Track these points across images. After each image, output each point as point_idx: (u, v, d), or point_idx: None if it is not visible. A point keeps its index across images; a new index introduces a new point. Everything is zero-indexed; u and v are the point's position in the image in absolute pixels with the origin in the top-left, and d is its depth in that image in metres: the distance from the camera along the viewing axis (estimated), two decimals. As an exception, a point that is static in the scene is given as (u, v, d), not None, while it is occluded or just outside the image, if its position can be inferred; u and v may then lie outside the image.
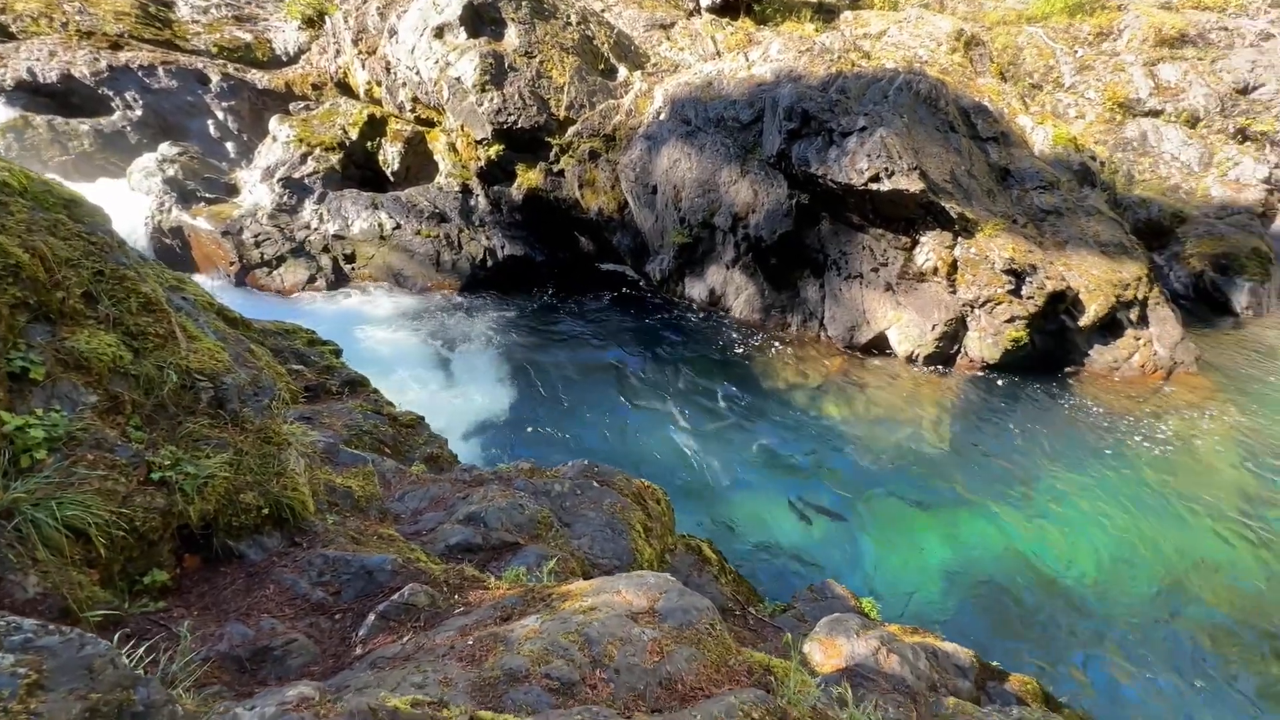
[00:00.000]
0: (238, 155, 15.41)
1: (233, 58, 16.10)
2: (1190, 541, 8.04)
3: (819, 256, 12.54)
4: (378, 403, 5.21)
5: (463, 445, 9.00)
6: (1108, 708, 6.05)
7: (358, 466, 3.75)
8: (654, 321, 13.29)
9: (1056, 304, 11.27)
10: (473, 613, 2.71)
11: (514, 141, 14.01)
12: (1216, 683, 6.32)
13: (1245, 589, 7.42)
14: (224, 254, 13.28)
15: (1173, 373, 11.34)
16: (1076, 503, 8.70)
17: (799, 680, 2.41)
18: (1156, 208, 15.47)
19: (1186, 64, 17.60)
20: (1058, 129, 15.01)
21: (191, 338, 3.03)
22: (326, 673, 2.35)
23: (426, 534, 3.61)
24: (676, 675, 2.26)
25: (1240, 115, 16.86)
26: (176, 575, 2.58)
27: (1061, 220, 12.13)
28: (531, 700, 1.94)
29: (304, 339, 5.74)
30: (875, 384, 11.29)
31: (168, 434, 2.68)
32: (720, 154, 12.97)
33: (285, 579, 2.65)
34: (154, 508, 2.46)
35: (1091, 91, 17.58)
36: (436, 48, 13.83)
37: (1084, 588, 7.40)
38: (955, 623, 6.87)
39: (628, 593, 2.67)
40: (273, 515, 2.84)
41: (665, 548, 4.91)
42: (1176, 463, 9.47)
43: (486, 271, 14.24)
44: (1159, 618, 7.03)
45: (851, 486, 8.92)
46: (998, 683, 4.72)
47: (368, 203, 13.92)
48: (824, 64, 12.94)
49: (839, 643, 4.00)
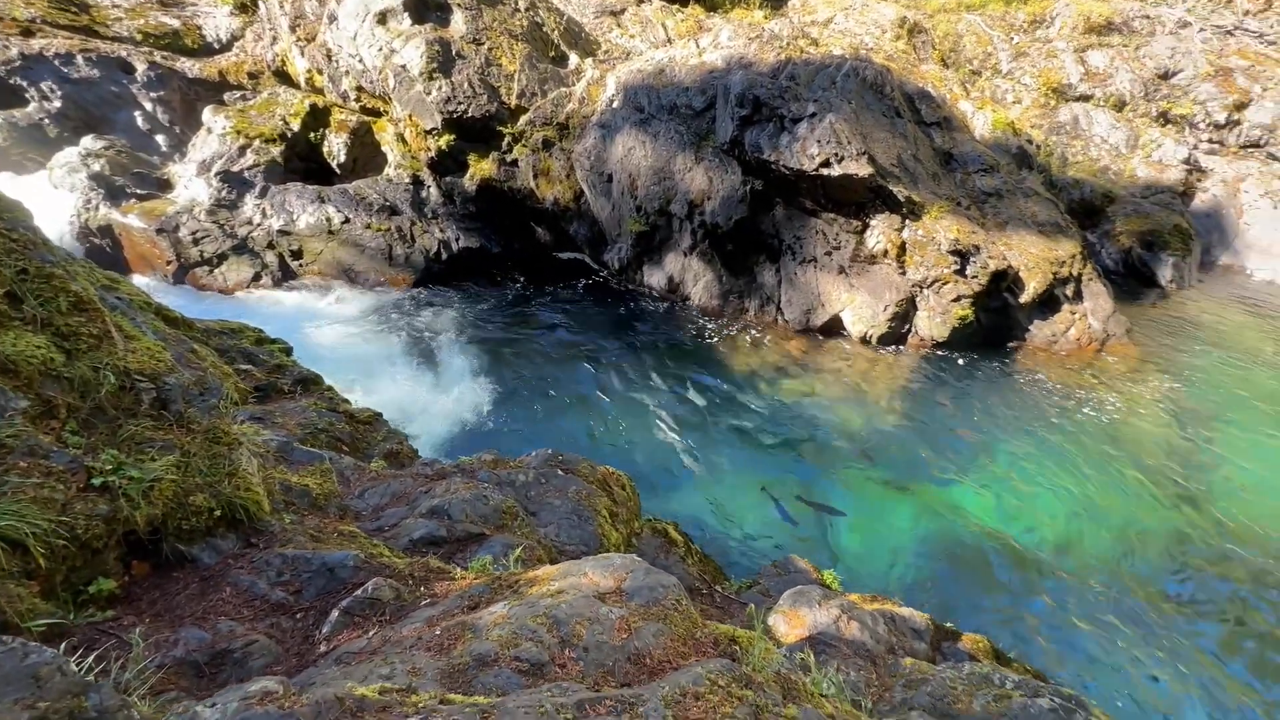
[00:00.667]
0: (170, 149, 14.63)
1: (159, 45, 15.22)
2: (1131, 504, 8.58)
3: (774, 242, 12.74)
4: (333, 400, 5.08)
5: (424, 440, 8.86)
6: (1058, 661, 6.44)
7: (314, 464, 3.66)
8: (613, 310, 13.30)
9: (999, 282, 11.76)
10: (439, 604, 2.70)
11: (465, 131, 13.72)
12: (1160, 634, 6.79)
13: (1182, 546, 7.97)
14: (160, 253, 12.64)
15: (1106, 344, 12.00)
16: (1025, 471, 9.16)
17: (763, 648, 2.49)
18: (1088, 188, 16.26)
19: (1113, 50, 18.48)
20: (997, 114, 15.58)
21: (129, 337, 2.90)
22: (291, 671, 2.31)
23: (389, 529, 3.56)
24: (644, 650, 2.31)
25: (1162, 99, 17.83)
26: (125, 583, 2.49)
27: (1002, 202, 12.64)
28: (501, 682, 1.96)
29: (251, 338, 5.54)
30: (831, 365, 11.59)
31: (108, 438, 2.57)
32: (674, 141, 13.00)
33: (242, 581, 2.59)
34: (96, 514, 2.36)
35: (1027, 77, 18.29)
36: (380, 34, 13.39)
37: (1035, 551, 7.82)
38: (916, 589, 7.17)
39: (594, 574, 2.70)
40: (226, 517, 2.76)
41: (632, 532, 4.97)
42: (1114, 429, 10.06)
43: (441, 265, 13.96)
44: (1106, 576, 7.50)
45: (811, 464, 9.16)
46: (952, 642, 4.96)
47: (313, 196, 13.44)
48: (774, 51, 13.08)
49: (802, 613, 4.14)
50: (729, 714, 1.99)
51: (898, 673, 3.70)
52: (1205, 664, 6.47)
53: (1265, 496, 8.72)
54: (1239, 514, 8.41)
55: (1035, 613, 7.04)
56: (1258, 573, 7.51)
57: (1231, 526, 8.20)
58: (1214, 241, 16.47)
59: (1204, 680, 6.31)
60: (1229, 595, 7.24)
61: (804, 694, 2.37)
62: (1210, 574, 7.53)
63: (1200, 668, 6.43)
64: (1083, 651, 6.62)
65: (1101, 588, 7.31)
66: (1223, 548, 7.87)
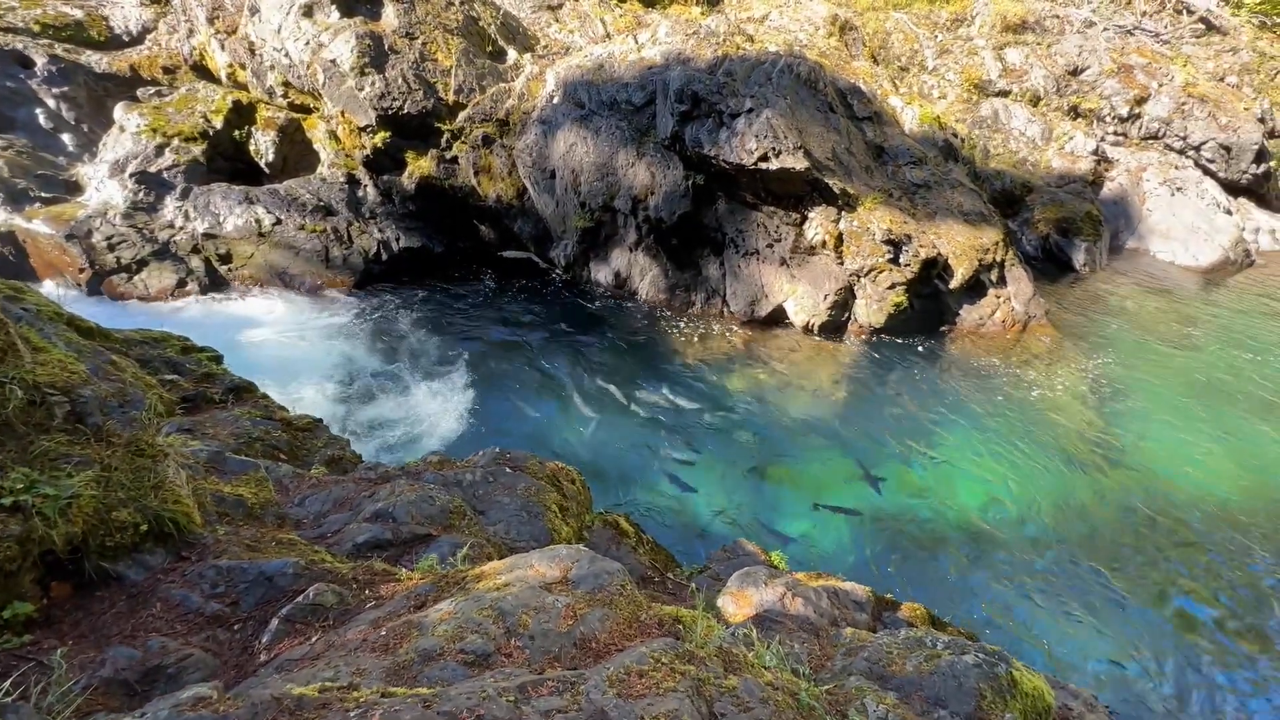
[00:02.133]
0: (78, 149, 13.66)
1: (61, 37, 14.17)
2: (1055, 475, 9.19)
3: (718, 235, 12.97)
4: (268, 408, 4.91)
5: (367, 446, 8.64)
6: (992, 624, 6.86)
7: (248, 473, 3.55)
8: (561, 308, 13.26)
9: (930, 270, 12.34)
10: (385, 605, 2.69)
11: (401, 128, 13.38)
12: (1084, 594, 7.33)
13: (1103, 512, 8.60)
14: (70, 260, 11.82)
15: (1028, 325, 12.78)
16: (959, 448, 9.68)
17: (705, 625, 2.59)
18: (1009, 179, 17.22)
19: (1027, 48, 19.59)
20: (924, 109, 16.29)
21: (36, 349, 2.75)
22: (230, 683, 2.26)
23: (332, 536, 3.50)
24: (590, 635, 2.37)
25: (1072, 94, 19.03)
26: (44, 606, 2.37)
27: (930, 193, 13.24)
28: (446, 675, 1.98)
29: (176, 347, 5.29)
30: (777, 355, 11.92)
31: (18, 455, 2.44)
32: (616, 137, 13.04)
33: (174, 595, 2.51)
34: (7, 536, 2.25)
35: (951, 73, 19.19)
36: (306, 27, 12.88)
37: (971, 523, 8.29)
38: (861, 565, 7.51)
39: (540, 566, 2.74)
40: (154, 531, 2.66)
41: (583, 525, 5.02)
42: (1038, 404, 10.74)
43: (382, 265, 13.58)
44: (1034, 544, 8.02)
45: (761, 451, 9.42)
46: (891, 612, 5.23)
47: (241, 197, 12.83)
48: (710, 47, 13.28)
49: (749, 593, 4.29)
50: (672, 688, 2.07)
51: (839, 643, 3.89)
52: (1127, 619, 7.03)
53: (1176, 462, 9.52)
54: (1152, 479, 9.16)
55: (971, 580, 7.48)
56: (1171, 532, 8.19)
57: (1146, 491, 8.91)
58: (1121, 227, 17.74)
59: (1126, 633, 6.86)
60: (1146, 556, 7.88)
61: (745, 666, 2.48)
62: (1128, 536, 8.17)
63: (1122, 622, 6.98)
64: (1015, 613, 7.08)
65: (1032, 555, 7.83)
66: (1139, 511, 8.55)
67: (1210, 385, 11.48)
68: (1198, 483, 9.05)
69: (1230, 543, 7.98)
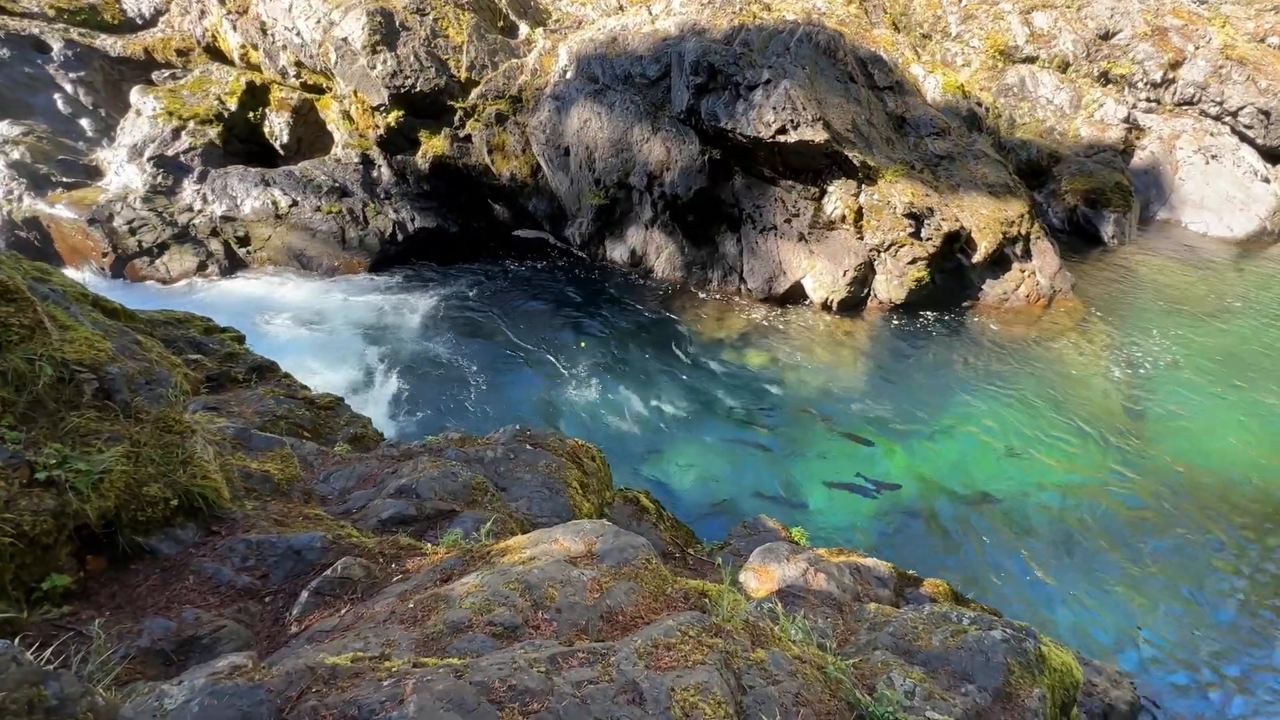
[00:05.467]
0: (96, 133, 13.77)
1: (75, 21, 14.20)
2: (1081, 452, 9.03)
3: (734, 211, 12.78)
4: (291, 387, 4.96)
5: (388, 423, 8.74)
6: (1013, 599, 6.81)
7: (274, 450, 3.59)
8: (576, 286, 13.20)
9: (952, 243, 12.07)
10: (412, 579, 2.71)
11: (414, 106, 13.27)
12: (1107, 572, 7.23)
13: (1128, 489, 8.45)
14: (94, 245, 11.99)
15: (1053, 300, 12.48)
16: (982, 424, 9.54)
17: (731, 599, 2.58)
18: (1035, 149, 16.70)
19: (1056, 12, 18.83)
20: (947, 77, 15.80)
21: (64, 327, 2.77)
22: (262, 654, 2.30)
23: (357, 511, 3.53)
24: (617, 608, 2.36)
25: (1103, 60, 18.32)
26: (80, 578, 2.42)
27: (953, 164, 12.89)
28: (475, 646, 1.99)
29: (199, 327, 5.34)
30: (795, 332, 11.79)
31: (50, 431, 2.47)
32: (631, 112, 12.83)
33: (206, 568, 2.55)
34: (43, 510, 2.28)
35: (975, 40, 18.54)
36: (317, 5, 12.76)
37: (994, 499, 8.19)
38: (881, 540, 7.47)
39: (565, 540, 2.74)
40: (184, 506, 2.69)
41: (604, 501, 5.03)
42: (1064, 381, 10.53)
43: (398, 246, 13.60)
44: (1058, 520, 7.91)
45: (780, 429, 9.37)
46: (914, 587, 5.20)
47: (257, 179, 12.88)
48: (726, 16, 12.94)
49: (771, 569, 4.27)
50: (700, 661, 2.06)
51: (863, 617, 3.87)
52: (1152, 595, 6.94)
53: (1207, 438, 9.30)
54: (1181, 457, 8.96)
55: (991, 555, 7.41)
56: (1200, 508, 8.03)
57: (1173, 469, 8.73)
58: (1152, 197, 17.17)
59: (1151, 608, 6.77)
60: (1173, 532, 7.74)
61: (772, 639, 2.47)
62: (1155, 513, 8.02)
63: (1147, 598, 6.89)
64: (1037, 588, 7.02)
65: (1054, 531, 7.73)
66: (1167, 487, 8.38)
67: (1244, 360, 11.16)
68: (1230, 460, 8.85)
69: (1265, 520, 7.82)
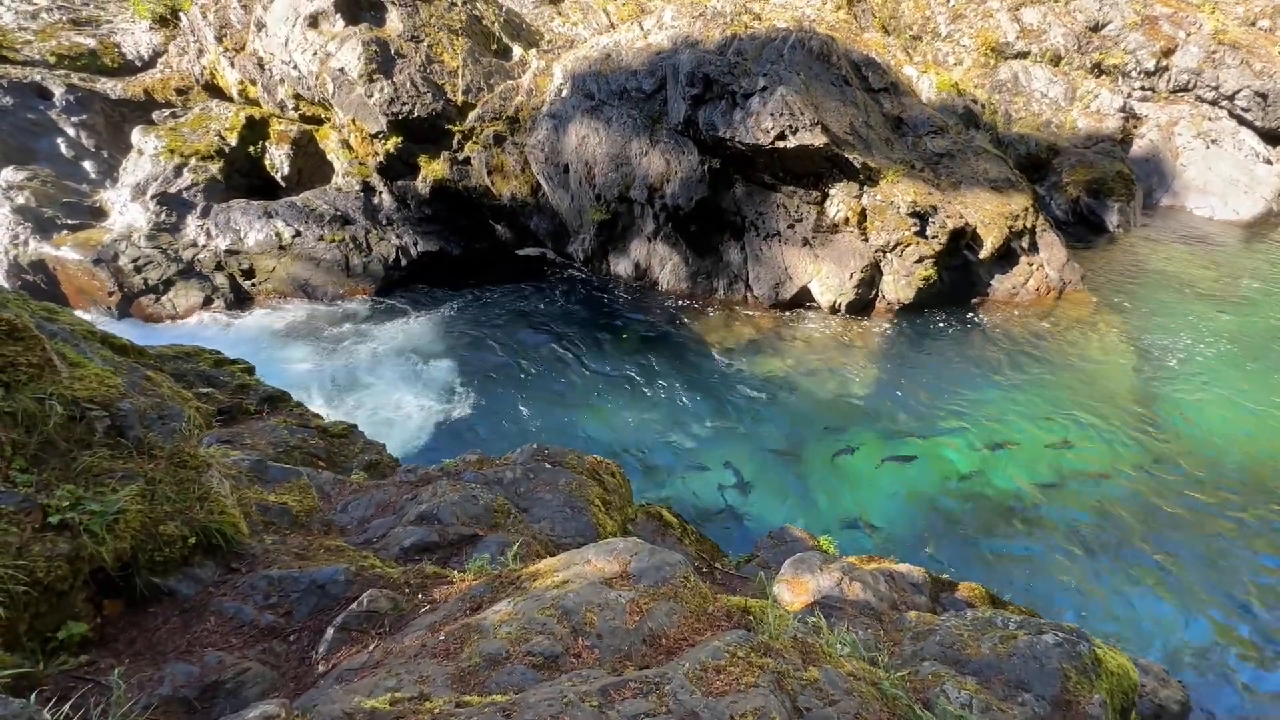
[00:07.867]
0: (99, 175, 13.87)
1: (76, 67, 14.38)
2: (1100, 444, 8.85)
3: (737, 219, 12.74)
4: (303, 416, 4.87)
5: (402, 449, 8.64)
6: (1047, 600, 6.61)
7: (291, 481, 3.50)
8: (583, 302, 13.15)
9: (958, 240, 11.98)
10: (440, 608, 2.60)
11: (412, 132, 13.35)
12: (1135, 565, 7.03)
13: (1150, 480, 8.26)
14: (100, 284, 12.02)
15: (1063, 292, 12.35)
16: (998, 420, 9.37)
17: (777, 616, 2.46)
18: (1034, 143, 16.67)
19: (1045, 6, 18.91)
20: (940, 76, 15.83)
21: (74, 365, 2.70)
22: (290, 696, 2.18)
23: (378, 540, 3.43)
24: (659, 630, 2.25)
25: (1095, 51, 18.34)
26: (98, 625, 2.32)
27: (954, 162, 12.85)
28: (516, 679, 1.87)
29: (209, 360, 5.28)
30: (804, 336, 11.68)
31: (62, 472, 2.38)
32: (628, 126, 12.86)
33: (227, 608, 2.44)
34: (57, 555, 2.19)
35: (966, 38, 18.61)
36: (313, 38, 12.90)
37: (1014, 497, 8.02)
38: (906, 545, 7.29)
39: (598, 561, 2.63)
40: (202, 543, 2.60)
41: (626, 518, 4.91)
42: (1079, 372, 10.37)
43: (401, 271, 13.60)
44: (1082, 515, 7.72)
45: (795, 436, 9.22)
46: (949, 593, 5.04)
47: (260, 212, 12.93)
48: (718, 28, 13.01)
49: (805, 580, 4.13)
50: (752, 683, 1.94)
51: (904, 627, 3.72)
52: (1182, 589, 6.73)
53: (1226, 426, 9.11)
54: (1202, 445, 8.77)
55: (1019, 555, 7.22)
56: (1224, 499, 7.84)
57: (1196, 457, 8.54)
58: (1154, 184, 17.08)
59: (1183, 603, 6.57)
60: (1198, 524, 7.54)
61: (822, 656, 2.34)
62: (1178, 504, 7.83)
63: (1179, 592, 6.69)
64: (1067, 586, 6.82)
65: (1078, 526, 7.53)
66: (1189, 478, 8.19)
67: (1258, 345, 10.99)
68: (1250, 448, 8.65)
69: (1295, 506, 7.61)
